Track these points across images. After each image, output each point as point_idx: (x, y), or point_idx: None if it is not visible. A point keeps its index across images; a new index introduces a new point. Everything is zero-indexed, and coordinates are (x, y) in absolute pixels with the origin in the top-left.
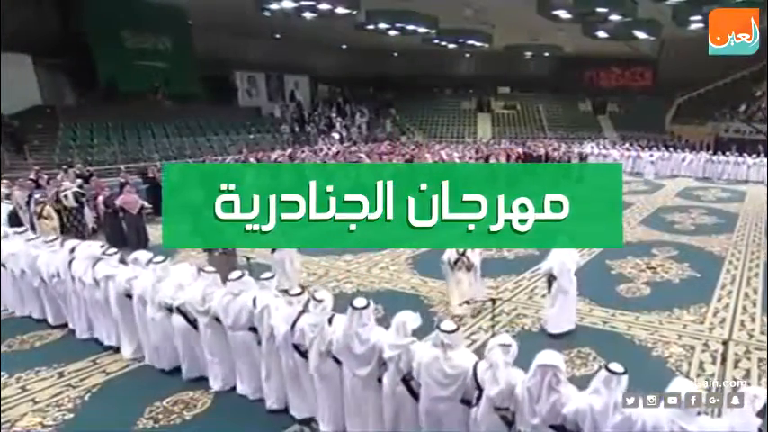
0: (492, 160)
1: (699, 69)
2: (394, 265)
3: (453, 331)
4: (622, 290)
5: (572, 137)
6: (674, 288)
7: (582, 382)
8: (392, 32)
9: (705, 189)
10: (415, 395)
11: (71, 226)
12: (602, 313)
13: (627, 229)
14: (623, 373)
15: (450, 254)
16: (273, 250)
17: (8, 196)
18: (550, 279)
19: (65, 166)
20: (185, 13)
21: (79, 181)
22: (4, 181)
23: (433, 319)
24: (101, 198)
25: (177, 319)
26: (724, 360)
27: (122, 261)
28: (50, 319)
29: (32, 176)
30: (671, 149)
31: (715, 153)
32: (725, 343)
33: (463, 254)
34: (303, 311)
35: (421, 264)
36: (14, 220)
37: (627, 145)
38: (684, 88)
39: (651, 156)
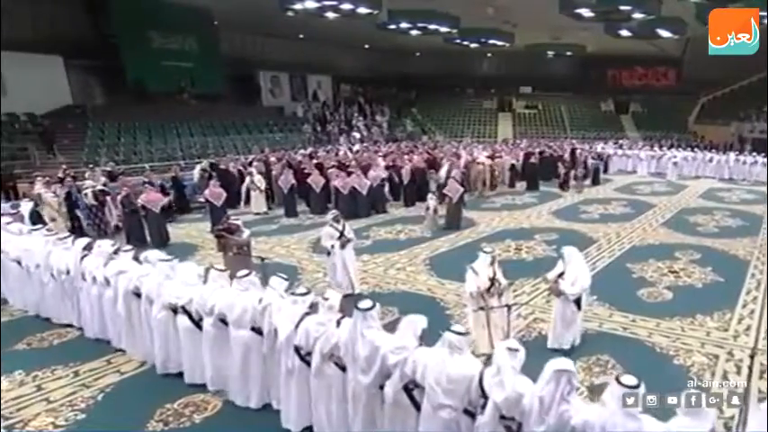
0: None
1: (723, 68)
2: (411, 266)
3: (463, 334)
4: (643, 294)
5: (593, 137)
6: (697, 293)
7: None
8: (414, 32)
9: (729, 190)
10: (417, 405)
11: (92, 224)
12: (622, 319)
13: (648, 231)
14: (636, 387)
15: (478, 282)
16: (329, 254)
17: (25, 194)
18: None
19: (91, 165)
20: (211, 13)
21: (103, 179)
22: (39, 179)
23: (450, 323)
24: (118, 197)
25: (182, 319)
26: (750, 372)
27: (136, 259)
28: (62, 317)
29: (60, 174)
30: (695, 150)
31: (740, 153)
32: (752, 356)
33: (494, 278)
34: (308, 313)
35: (438, 265)
36: (37, 217)
37: (647, 145)
38: (708, 88)
39: (674, 156)
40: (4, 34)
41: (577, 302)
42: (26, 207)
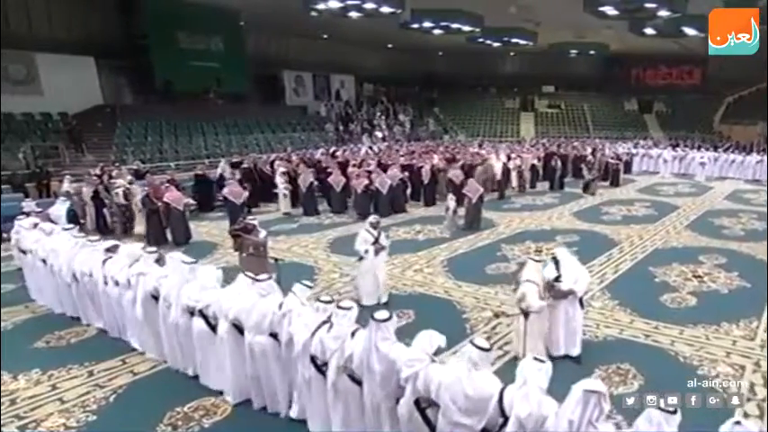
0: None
1: (749, 67)
2: (428, 267)
3: (487, 350)
4: (666, 300)
5: (617, 137)
6: (723, 299)
7: (620, 402)
8: (437, 31)
9: (755, 192)
10: (430, 423)
11: (120, 223)
12: (643, 325)
13: (672, 234)
14: (674, 413)
15: (539, 292)
16: (360, 258)
17: (56, 193)
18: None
19: (117, 163)
20: (236, 14)
21: (130, 178)
22: (68, 177)
23: (466, 327)
24: (138, 197)
25: (198, 323)
26: None
27: (158, 261)
28: (82, 318)
29: (98, 171)
30: (719, 150)
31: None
32: None
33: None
34: (325, 321)
35: (456, 267)
36: (73, 217)
37: (670, 145)
38: (734, 87)
39: (702, 157)
40: (41, 36)
41: (580, 302)
42: (62, 206)
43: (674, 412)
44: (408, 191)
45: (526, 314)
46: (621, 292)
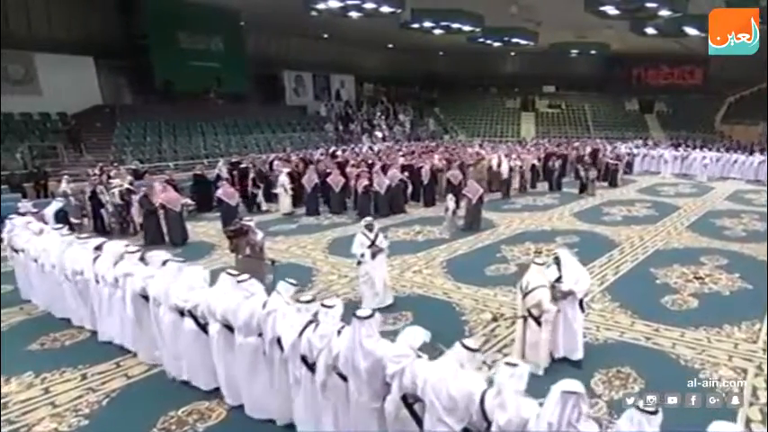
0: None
1: (751, 67)
2: (428, 268)
3: (475, 350)
4: (667, 302)
5: (617, 137)
6: (724, 301)
7: (620, 407)
8: (437, 31)
9: (757, 192)
10: (419, 420)
11: (117, 222)
12: (644, 328)
13: (673, 235)
14: (654, 413)
15: (549, 294)
16: (359, 263)
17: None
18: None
19: (116, 164)
20: (237, 14)
21: (129, 178)
22: (65, 177)
23: (464, 329)
24: (136, 197)
25: (188, 323)
26: None
27: (142, 259)
28: (75, 318)
29: (97, 171)
30: (721, 150)
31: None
32: None
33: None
34: (311, 321)
35: (456, 268)
36: (62, 217)
37: (671, 145)
38: (736, 87)
39: (704, 157)
40: (40, 36)
41: (580, 304)
42: (55, 206)
43: (655, 412)
44: (408, 191)
45: (537, 320)
46: (622, 294)
